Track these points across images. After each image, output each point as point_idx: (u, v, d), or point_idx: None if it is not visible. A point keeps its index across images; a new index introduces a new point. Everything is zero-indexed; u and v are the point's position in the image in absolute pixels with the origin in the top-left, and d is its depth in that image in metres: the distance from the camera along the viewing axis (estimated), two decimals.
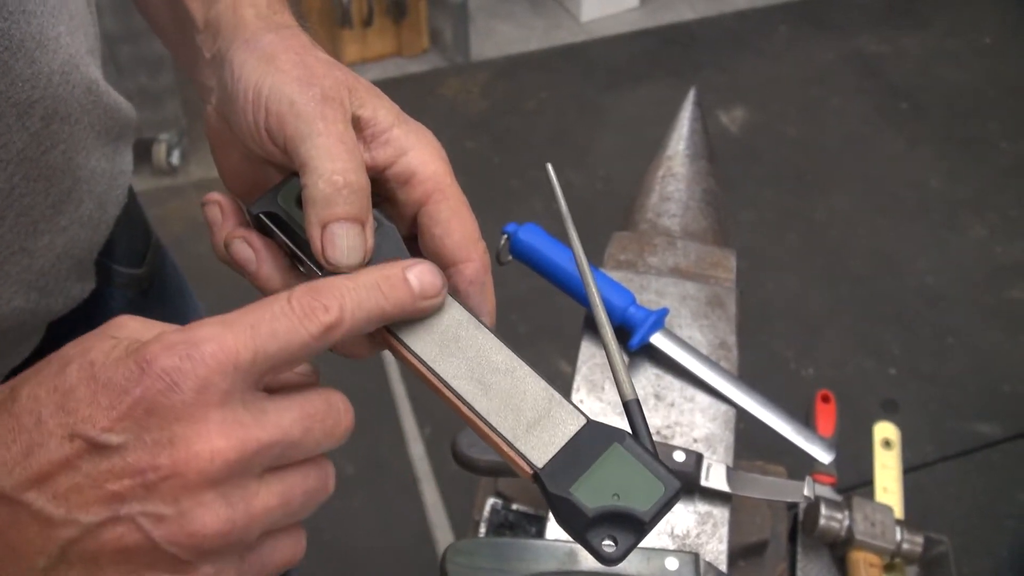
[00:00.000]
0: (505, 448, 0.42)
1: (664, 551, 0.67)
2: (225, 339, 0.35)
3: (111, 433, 0.33)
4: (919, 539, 1.03)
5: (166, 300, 0.79)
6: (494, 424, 0.42)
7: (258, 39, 0.46)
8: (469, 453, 0.74)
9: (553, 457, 0.41)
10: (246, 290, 0.45)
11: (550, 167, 0.50)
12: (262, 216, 0.45)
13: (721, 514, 0.73)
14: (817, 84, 3.00)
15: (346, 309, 0.38)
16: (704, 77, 2.95)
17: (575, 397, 0.81)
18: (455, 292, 0.45)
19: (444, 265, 0.45)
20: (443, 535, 1.88)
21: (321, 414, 0.38)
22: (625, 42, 3.18)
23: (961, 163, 2.74)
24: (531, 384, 0.43)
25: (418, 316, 0.43)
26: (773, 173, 2.71)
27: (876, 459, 1.17)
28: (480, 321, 0.44)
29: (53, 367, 0.35)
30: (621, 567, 0.67)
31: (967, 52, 3.11)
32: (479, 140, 2.78)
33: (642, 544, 0.70)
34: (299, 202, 0.44)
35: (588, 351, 0.84)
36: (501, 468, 0.76)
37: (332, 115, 0.43)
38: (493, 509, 0.91)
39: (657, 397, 0.81)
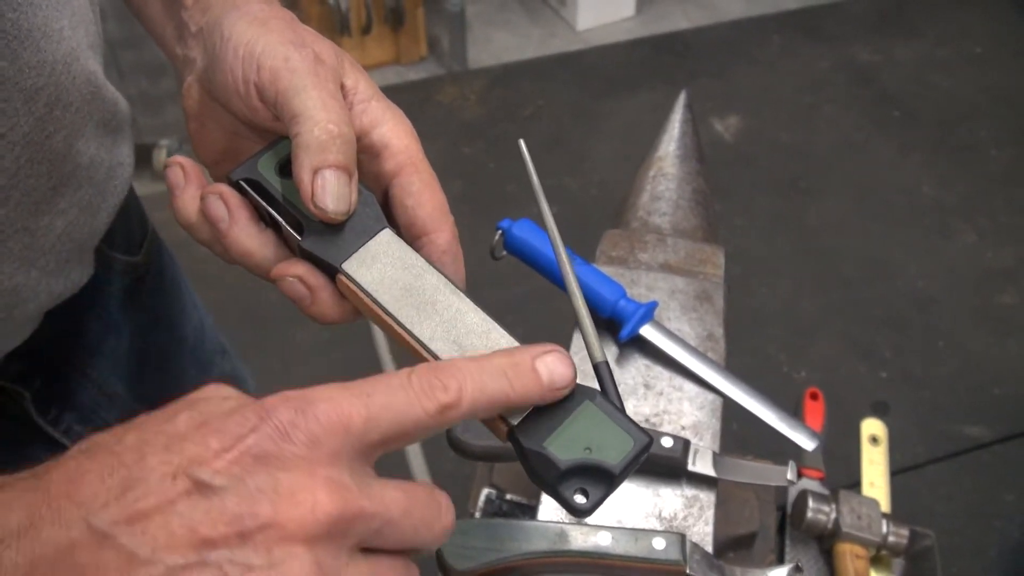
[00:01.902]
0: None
1: (652, 532, 0.70)
2: (340, 402, 0.35)
3: (217, 475, 0.33)
4: (905, 532, 1.05)
5: (163, 289, 0.81)
6: None
7: (249, 5, 0.48)
8: (463, 438, 0.76)
9: (528, 415, 0.42)
10: (246, 293, 0.46)
11: (522, 143, 0.51)
12: (242, 183, 0.47)
13: (707, 498, 0.75)
14: (810, 92, 3.03)
15: (466, 391, 0.37)
16: (699, 85, 2.99)
17: None
18: (427, 258, 0.46)
19: (416, 234, 0.47)
20: None
21: (423, 503, 0.37)
22: (621, 50, 3.21)
23: (952, 170, 2.77)
24: (505, 345, 0.44)
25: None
26: (767, 179, 2.74)
27: (863, 455, 1.19)
28: (455, 286, 0.45)
29: (161, 417, 0.35)
30: (611, 546, 0.69)
31: (958, 61, 3.15)
32: (475, 146, 2.81)
33: (632, 525, 0.72)
34: (280, 170, 0.46)
35: (580, 342, 0.87)
36: (495, 453, 0.78)
37: (324, 73, 0.45)
38: (488, 499, 0.93)
39: (646, 386, 0.84)
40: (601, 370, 0.45)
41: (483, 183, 2.66)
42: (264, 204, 0.46)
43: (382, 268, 0.45)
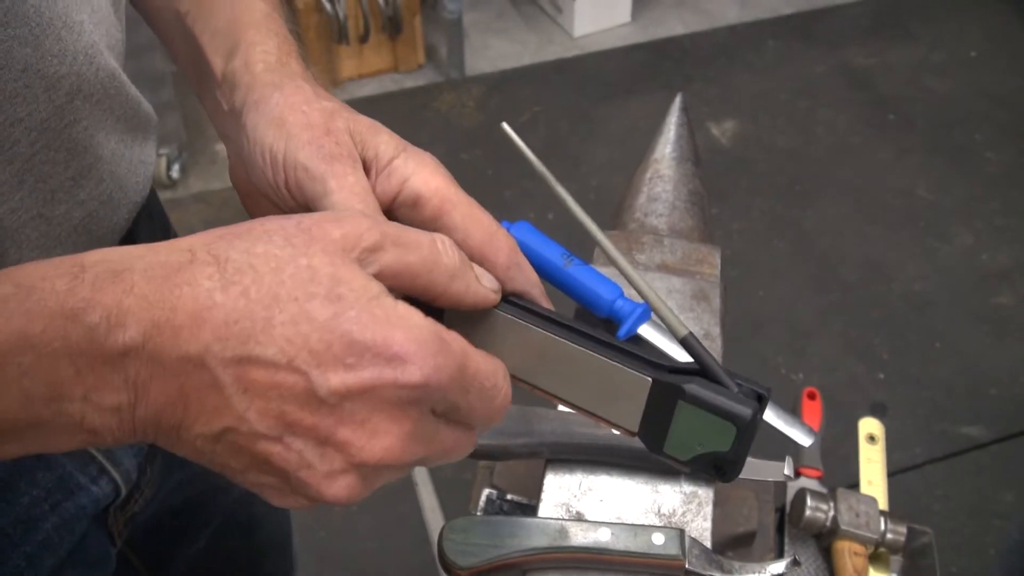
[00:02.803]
0: (603, 422, 0.47)
1: (651, 527, 0.71)
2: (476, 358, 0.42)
3: (328, 390, 0.37)
4: (902, 529, 1.06)
5: None
6: (581, 405, 0.47)
7: (267, 101, 0.51)
8: None
9: (642, 420, 0.45)
10: None
11: (505, 125, 0.54)
12: None
13: (706, 494, 0.76)
14: (806, 96, 3.04)
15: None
16: (695, 90, 3.00)
17: None
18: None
19: (475, 262, 0.48)
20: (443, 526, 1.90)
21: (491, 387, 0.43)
22: (617, 56, 3.23)
23: (948, 172, 2.78)
24: (594, 364, 0.47)
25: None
26: (763, 183, 2.75)
27: (861, 453, 1.20)
28: (532, 317, 0.48)
29: (303, 273, 0.38)
30: (610, 542, 0.70)
31: (953, 64, 3.16)
32: (473, 152, 2.82)
33: (631, 521, 0.73)
34: None
35: None
36: (495, 453, 0.79)
37: (341, 171, 0.48)
38: (488, 499, 0.93)
39: None
40: (690, 343, 0.46)
41: (482, 189, 2.66)
42: None
43: (464, 314, 0.47)
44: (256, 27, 0.56)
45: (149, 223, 0.74)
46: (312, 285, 0.37)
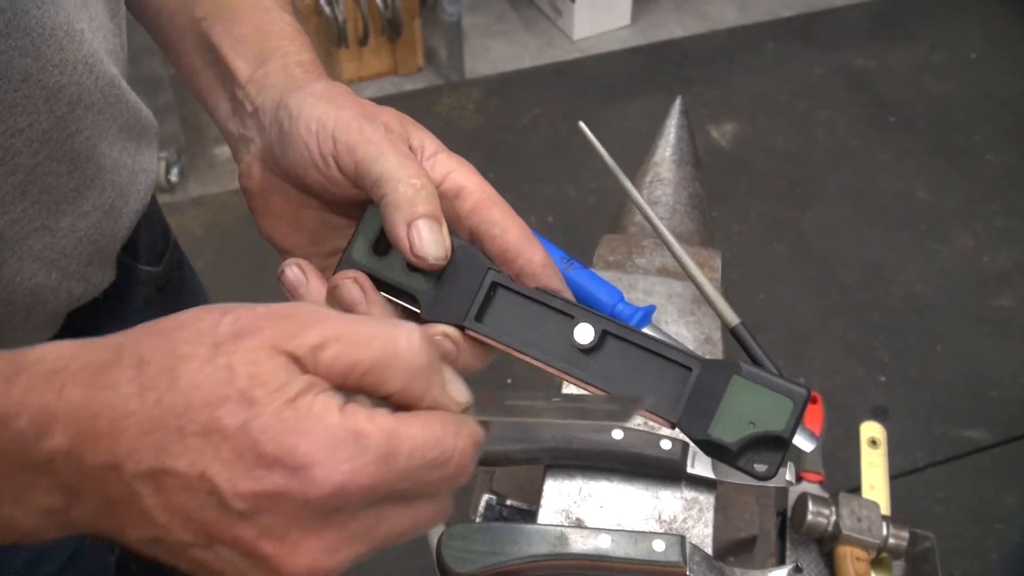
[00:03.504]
0: (641, 412, 0.46)
1: (652, 534, 0.70)
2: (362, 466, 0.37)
3: (240, 500, 0.36)
4: (905, 534, 1.05)
5: (181, 299, 0.82)
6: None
7: (312, 85, 0.52)
8: None
9: (685, 405, 0.45)
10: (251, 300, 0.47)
11: (582, 124, 0.56)
12: None
13: (707, 500, 0.76)
14: (806, 98, 3.04)
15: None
16: (695, 93, 3.00)
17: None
18: (527, 278, 0.49)
19: (511, 259, 0.49)
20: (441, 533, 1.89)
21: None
22: (617, 59, 3.22)
23: (948, 174, 2.78)
24: (636, 356, 0.47)
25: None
26: (763, 186, 2.75)
27: (863, 457, 1.19)
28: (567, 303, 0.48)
29: (219, 374, 0.36)
30: (611, 549, 0.69)
31: (953, 66, 3.16)
32: (473, 156, 2.77)
33: (631, 528, 0.73)
34: (375, 250, 0.50)
35: None
36: (494, 458, 0.79)
37: (397, 140, 0.49)
38: (488, 505, 0.93)
39: None
40: (740, 333, 0.46)
41: None
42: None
43: (499, 312, 0.49)
44: (290, 39, 0.57)
45: (149, 230, 0.74)
46: (226, 387, 0.36)
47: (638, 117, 2.93)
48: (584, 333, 0.48)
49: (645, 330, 0.86)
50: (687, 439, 0.46)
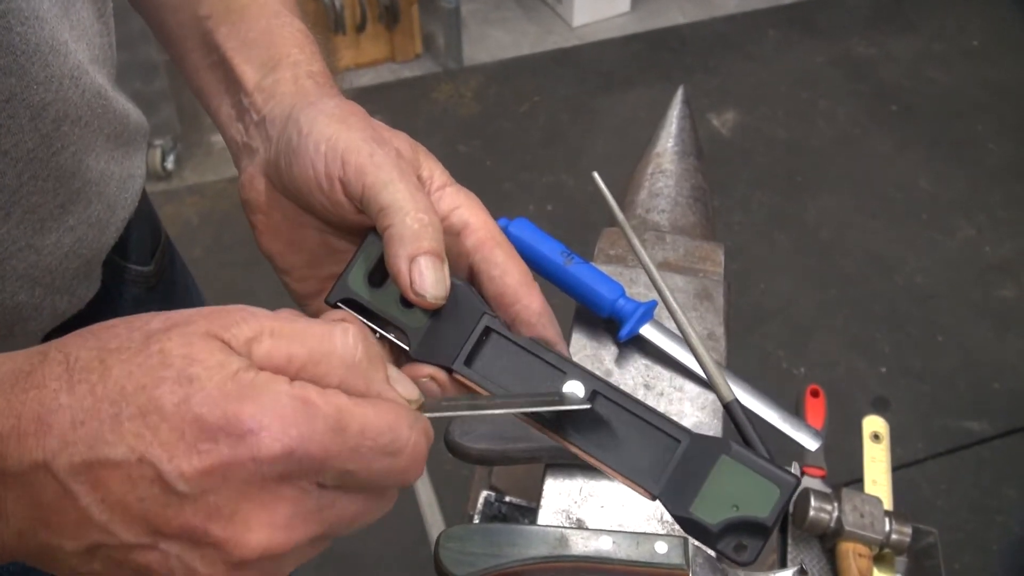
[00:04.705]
0: (622, 479, 0.44)
1: (654, 536, 0.68)
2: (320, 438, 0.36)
3: (183, 481, 0.34)
4: (907, 530, 1.04)
5: (173, 298, 0.80)
6: (604, 461, 0.45)
7: (324, 102, 0.50)
8: (462, 441, 0.75)
9: (669, 478, 0.43)
10: (240, 296, 0.46)
11: (596, 175, 0.55)
12: (340, 304, 0.48)
13: None
14: (807, 87, 3.02)
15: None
16: (695, 80, 2.98)
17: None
18: (522, 325, 0.48)
19: (508, 303, 0.48)
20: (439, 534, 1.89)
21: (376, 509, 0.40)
22: (616, 46, 3.20)
23: (950, 164, 2.76)
24: (625, 421, 0.45)
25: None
26: (764, 175, 2.73)
27: (865, 452, 1.18)
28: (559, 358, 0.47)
29: (152, 359, 0.35)
30: (612, 551, 0.68)
31: (955, 55, 3.14)
32: (471, 144, 2.79)
33: (633, 529, 0.71)
34: (370, 279, 0.48)
35: (579, 342, 0.86)
36: (492, 457, 0.77)
37: (407, 168, 0.47)
38: (487, 501, 0.92)
39: (647, 387, 0.83)
40: (733, 410, 0.45)
41: (480, 181, 2.64)
42: (365, 321, 0.47)
43: (490, 358, 0.47)
44: (300, 47, 0.55)
45: (139, 228, 0.72)
46: (161, 369, 0.34)
47: (637, 105, 2.91)
48: (574, 391, 0.46)
49: (647, 327, 0.85)
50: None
